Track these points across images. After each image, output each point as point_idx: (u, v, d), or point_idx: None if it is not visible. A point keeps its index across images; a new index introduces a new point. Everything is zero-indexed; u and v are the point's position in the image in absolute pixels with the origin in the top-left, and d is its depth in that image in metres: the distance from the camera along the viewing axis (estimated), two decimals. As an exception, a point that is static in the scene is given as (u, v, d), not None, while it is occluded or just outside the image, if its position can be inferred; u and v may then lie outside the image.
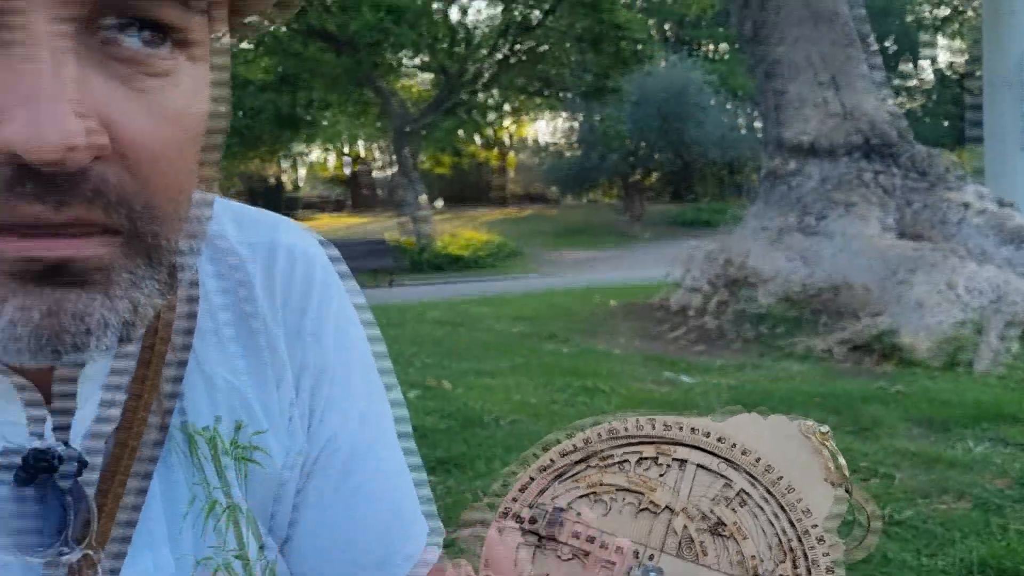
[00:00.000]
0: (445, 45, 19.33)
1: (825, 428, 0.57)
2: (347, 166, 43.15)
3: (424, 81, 30.85)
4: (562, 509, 0.59)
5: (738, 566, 0.55)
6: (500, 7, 20.16)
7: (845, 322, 6.07)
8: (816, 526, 0.55)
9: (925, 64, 36.79)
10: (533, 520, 0.58)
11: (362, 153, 41.85)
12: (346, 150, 40.92)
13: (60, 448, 0.57)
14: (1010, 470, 3.14)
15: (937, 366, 5.06)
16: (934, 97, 35.05)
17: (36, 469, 0.55)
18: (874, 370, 5.22)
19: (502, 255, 21.83)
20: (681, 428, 0.58)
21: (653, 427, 0.59)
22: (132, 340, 0.49)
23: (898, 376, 4.97)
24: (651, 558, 0.56)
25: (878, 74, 7.56)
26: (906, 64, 34.60)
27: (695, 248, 7.90)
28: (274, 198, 35.02)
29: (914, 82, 36.57)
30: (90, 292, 0.45)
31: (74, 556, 0.58)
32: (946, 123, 29.77)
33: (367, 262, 15.27)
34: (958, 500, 2.91)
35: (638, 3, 26.09)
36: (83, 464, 0.57)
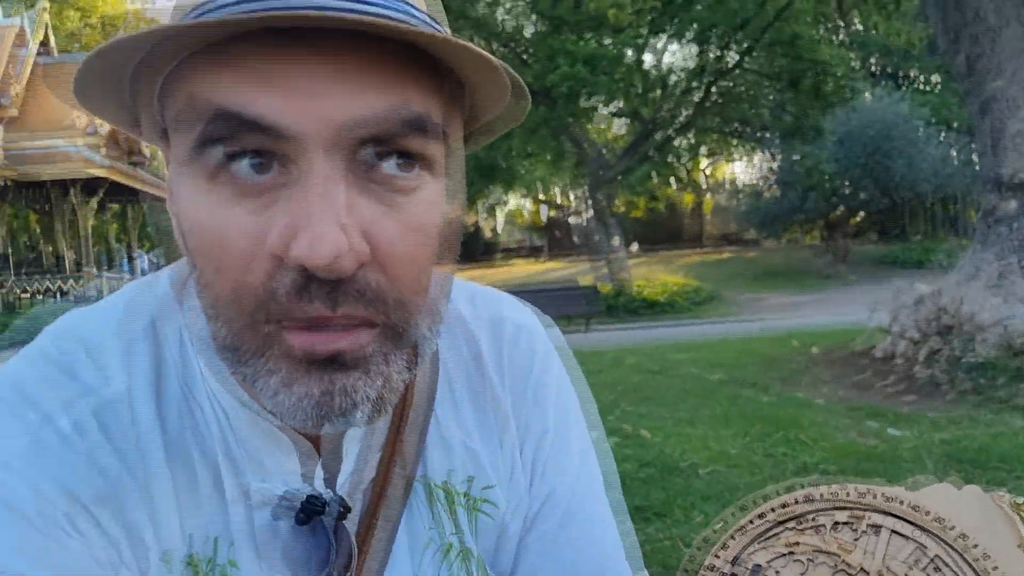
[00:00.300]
0: (639, 91, 19.38)
1: (1021, 499, 0.58)
2: (543, 212, 43.98)
3: (619, 126, 31.06)
4: (760, 566, 0.61)
5: None
6: (695, 49, 20.04)
7: (1077, 373, 5.61)
8: None
9: None
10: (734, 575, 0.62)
11: (558, 199, 42.54)
12: (542, 196, 41.73)
13: (328, 495, 0.68)
14: None
15: None
16: None
17: (310, 511, 0.67)
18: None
19: (699, 299, 21.39)
20: (876, 496, 0.60)
21: (848, 494, 0.61)
22: (386, 411, 0.59)
23: None
24: None
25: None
26: None
27: (901, 290, 7.51)
28: (472, 244, 36.10)
29: None
30: (355, 374, 0.56)
31: None
32: None
33: (563, 307, 15.38)
34: None
35: (840, 37, 25.17)
36: (347, 510, 0.69)
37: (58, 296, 23.28)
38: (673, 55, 24.91)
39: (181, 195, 0.57)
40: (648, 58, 19.13)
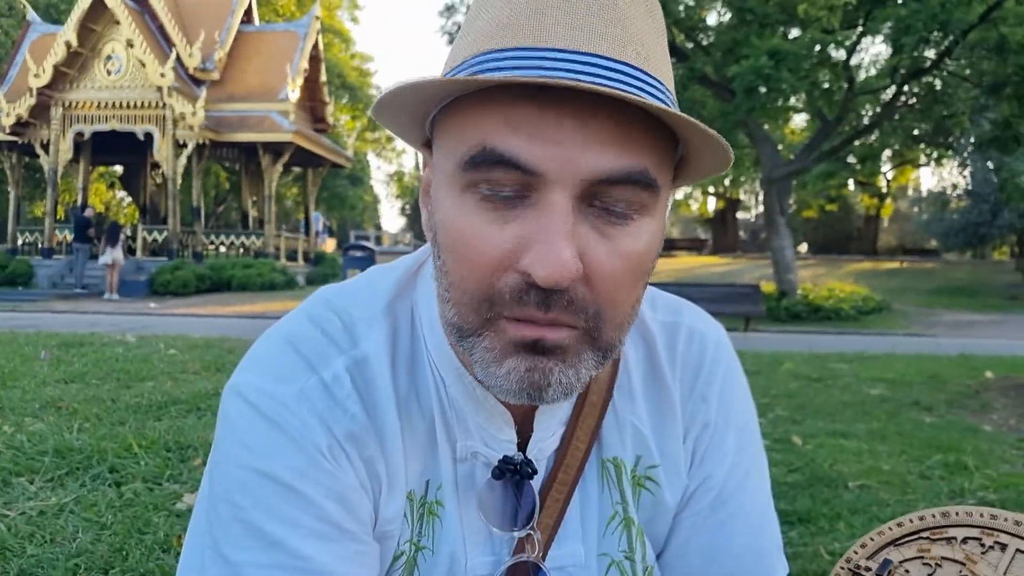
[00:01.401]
0: (826, 86, 18.57)
1: None
2: (711, 205, 43.05)
3: (799, 121, 29.92)
4: (890, 561, 0.69)
5: None
6: (888, 48, 18.99)
7: None
8: None
9: None
10: (868, 569, 0.70)
11: (727, 193, 41.55)
12: (711, 189, 40.84)
13: (519, 457, 0.82)
14: None
15: None
16: None
17: (504, 468, 0.81)
18: None
19: (867, 309, 20.40)
20: (1007, 520, 0.67)
21: (981, 515, 0.68)
22: (572, 395, 0.71)
23: None
24: None
25: None
26: None
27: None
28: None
29: None
30: (553, 359, 0.68)
31: (522, 533, 0.82)
32: None
33: (724, 306, 15.07)
34: None
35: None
36: (533, 471, 0.82)
37: (240, 251, 24.82)
38: (864, 53, 23.74)
39: (439, 197, 0.72)
40: (836, 55, 18.19)
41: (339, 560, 0.73)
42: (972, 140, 21.57)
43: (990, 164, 25.39)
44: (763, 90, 15.86)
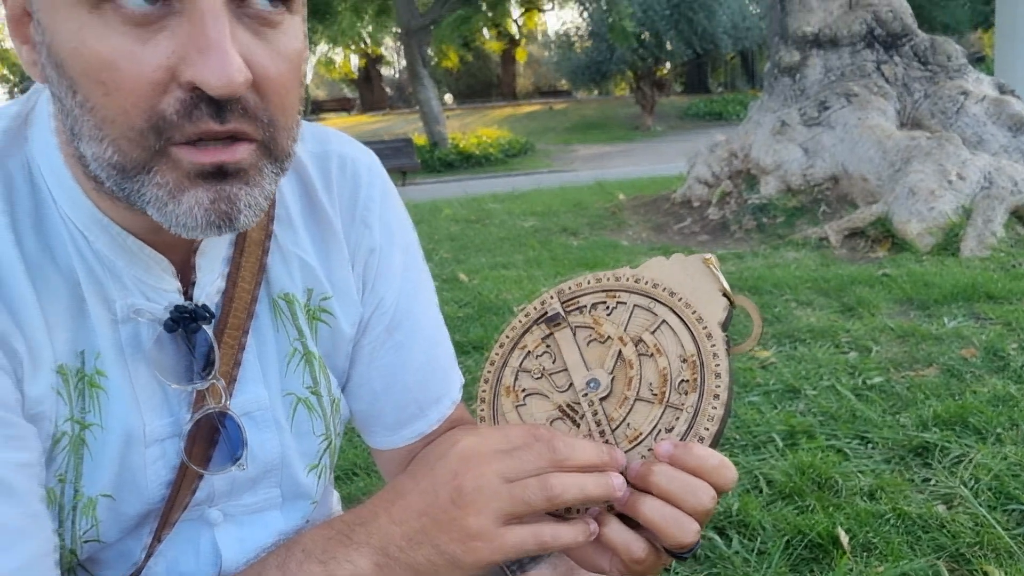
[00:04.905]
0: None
1: (708, 255, 0.75)
2: (354, 64, 42.38)
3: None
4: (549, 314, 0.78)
5: (658, 376, 0.71)
6: None
7: (843, 211, 6.28)
8: (710, 335, 0.71)
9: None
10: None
11: (369, 50, 41.05)
12: (352, 46, 40.08)
13: (190, 305, 0.76)
14: (977, 342, 3.42)
15: (927, 251, 5.29)
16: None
17: (177, 319, 0.75)
18: (868, 256, 5.46)
19: (513, 151, 21.69)
20: (628, 279, 0.76)
21: (609, 279, 0.76)
22: (258, 216, 0.67)
23: (889, 261, 5.20)
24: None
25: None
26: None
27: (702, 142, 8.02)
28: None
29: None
30: (237, 183, 0.64)
31: (204, 384, 0.78)
32: (967, 5, 28.92)
33: (380, 162, 15.25)
34: (927, 368, 3.21)
35: None
36: (211, 315, 0.77)
37: None
38: None
39: (57, 25, 0.61)
40: None
41: None
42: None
43: (603, 4, 27.29)
44: None
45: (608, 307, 0.75)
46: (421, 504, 0.66)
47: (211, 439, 0.79)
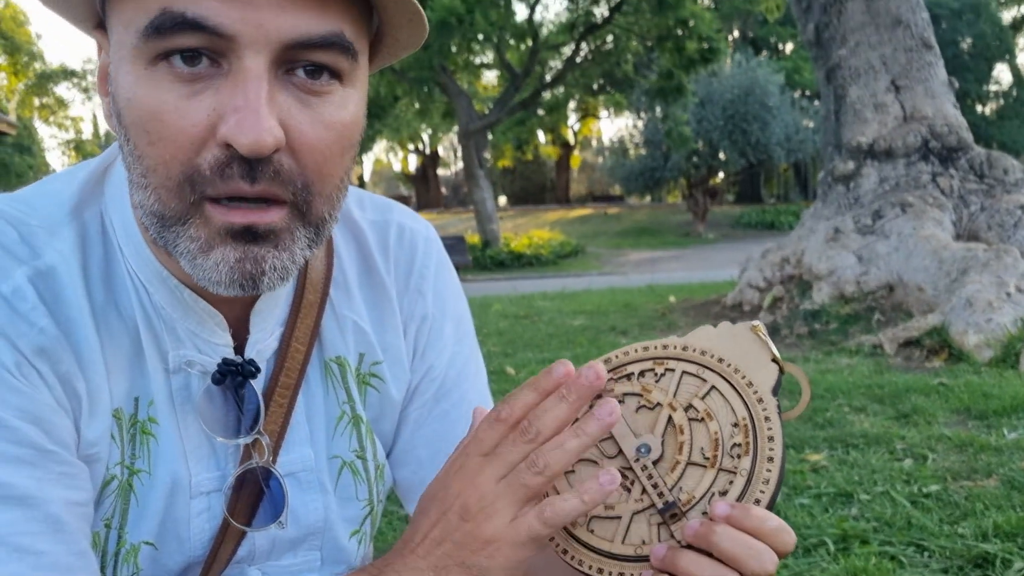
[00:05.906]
0: (512, 42, 19.32)
1: (756, 322, 0.75)
2: (412, 163, 43.55)
3: (490, 77, 30.98)
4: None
5: (709, 440, 0.71)
6: (566, 3, 20.17)
7: (897, 319, 6.19)
8: (761, 400, 0.71)
9: (1003, 67, 35.68)
10: None
11: (427, 150, 42.22)
12: (411, 147, 41.27)
13: (239, 360, 0.78)
14: (1039, 454, 3.32)
15: (984, 362, 5.17)
16: (1014, 95, 34.06)
17: (225, 372, 0.77)
18: (923, 366, 5.35)
19: (564, 253, 21.87)
20: (675, 347, 0.75)
21: (656, 348, 0.76)
22: (287, 280, 0.69)
23: (945, 371, 5.09)
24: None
25: (939, 78, 7.62)
26: (984, 67, 33.61)
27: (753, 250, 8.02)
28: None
29: (993, 86, 35.52)
30: (266, 246, 0.66)
31: (248, 439, 0.79)
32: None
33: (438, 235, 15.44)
34: (986, 478, 3.11)
35: (705, 2, 25.94)
36: (257, 369, 0.78)
37: None
38: (546, 8, 25.01)
39: (119, 78, 0.66)
40: (520, 8, 19.17)
41: (43, 484, 0.66)
42: (643, 92, 23.52)
43: (659, 113, 27.85)
44: (455, 22, 16.07)
45: (656, 374, 0.75)
46: (438, 534, 0.67)
47: (256, 497, 0.80)
